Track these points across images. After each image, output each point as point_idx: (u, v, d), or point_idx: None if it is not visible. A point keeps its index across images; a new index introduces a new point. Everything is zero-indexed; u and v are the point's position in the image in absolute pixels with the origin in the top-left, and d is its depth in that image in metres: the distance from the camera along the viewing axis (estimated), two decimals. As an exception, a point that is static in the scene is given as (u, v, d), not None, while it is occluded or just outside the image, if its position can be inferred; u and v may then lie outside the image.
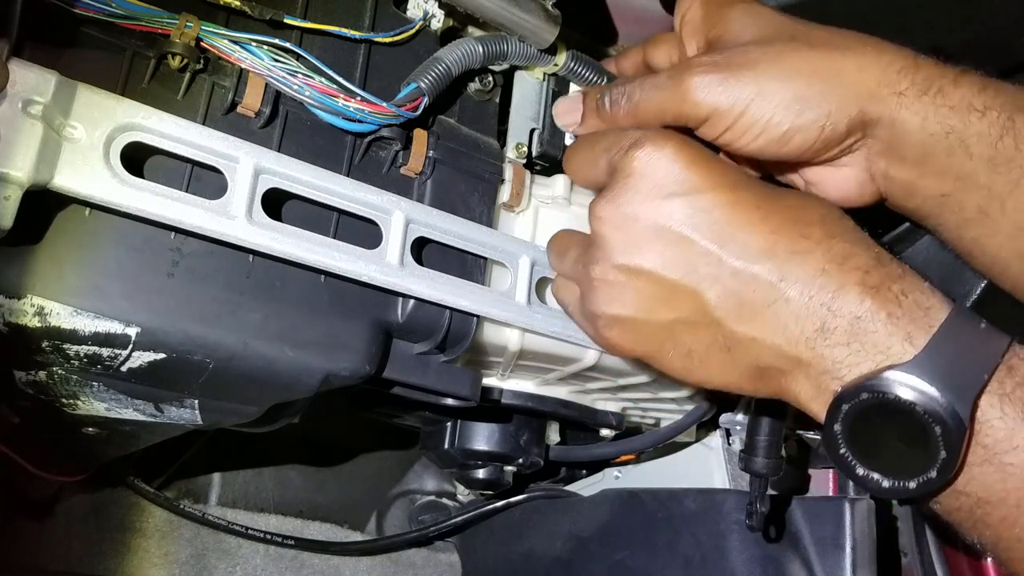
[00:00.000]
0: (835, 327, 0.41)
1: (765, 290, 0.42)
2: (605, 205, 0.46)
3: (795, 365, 0.42)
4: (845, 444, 0.41)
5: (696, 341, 0.45)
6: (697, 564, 0.65)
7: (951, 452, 0.38)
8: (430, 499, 0.98)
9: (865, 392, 0.39)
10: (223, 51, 0.44)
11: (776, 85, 0.46)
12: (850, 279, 0.41)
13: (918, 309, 0.41)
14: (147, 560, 0.82)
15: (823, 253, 0.42)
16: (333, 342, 0.46)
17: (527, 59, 0.55)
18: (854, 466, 0.41)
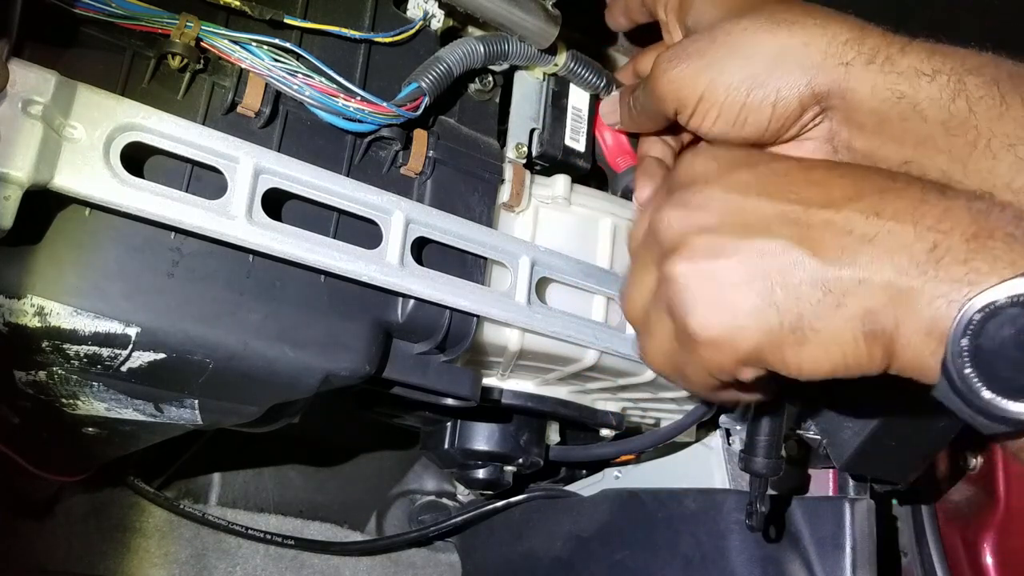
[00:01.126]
0: (948, 246, 0.37)
1: (863, 226, 0.39)
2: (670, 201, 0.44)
3: (908, 300, 0.38)
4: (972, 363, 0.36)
5: (803, 304, 0.40)
6: (697, 564, 0.65)
7: None
8: (430, 499, 0.98)
9: (1004, 298, 0.35)
10: (223, 51, 0.44)
11: (727, 68, 0.47)
12: (956, 203, 0.38)
13: None
14: (147, 560, 0.82)
15: (919, 187, 0.39)
16: (333, 342, 0.46)
17: (527, 59, 0.55)
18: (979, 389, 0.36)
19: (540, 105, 0.58)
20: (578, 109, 0.60)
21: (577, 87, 0.60)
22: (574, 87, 0.60)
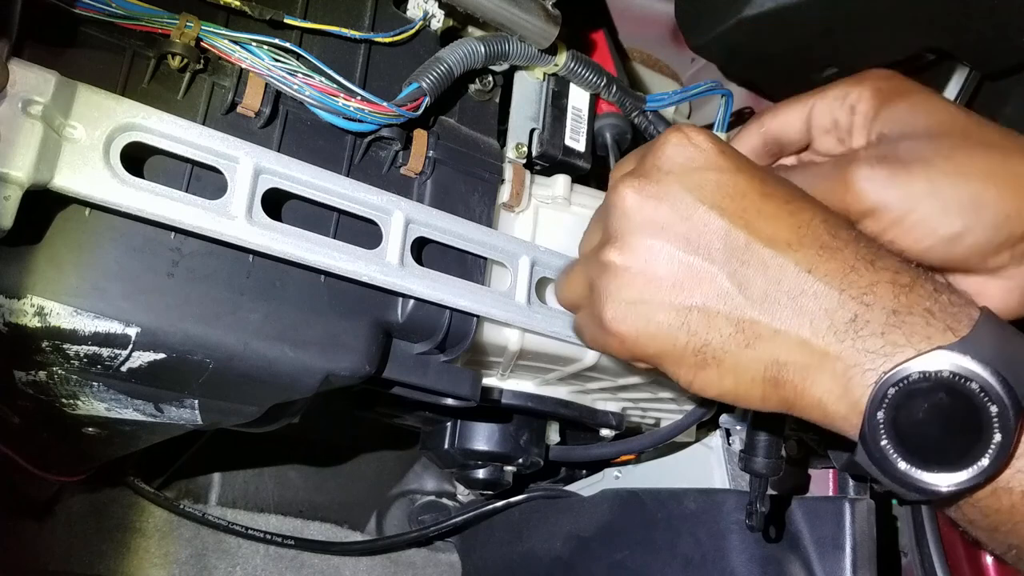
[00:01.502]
0: (869, 319, 0.39)
1: (793, 280, 0.40)
2: (633, 176, 0.44)
3: (820, 360, 0.39)
4: (887, 435, 0.37)
5: (713, 334, 0.41)
6: (697, 564, 0.65)
7: (1006, 434, 0.36)
8: (430, 499, 0.98)
9: (916, 373, 0.37)
10: (223, 51, 0.44)
11: (950, 182, 0.43)
12: (882, 277, 0.39)
13: (952, 306, 0.39)
14: (147, 560, 0.82)
15: (852, 252, 0.40)
16: (333, 342, 0.46)
17: (527, 59, 0.55)
18: (895, 461, 0.37)
19: (540, 105, 0.58)
20: (578, 109, 0.60)
21: (577, 87, 0.60)
22: (574, 87, 0.60)
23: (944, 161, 0.44)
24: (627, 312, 0.43)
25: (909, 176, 0.43)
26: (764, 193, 0.42)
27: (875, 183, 0.44)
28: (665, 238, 0.42)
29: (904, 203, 0.43)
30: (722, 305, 0.41)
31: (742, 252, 0.41)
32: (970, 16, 0.57)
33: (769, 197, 0.42)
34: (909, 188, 0.43)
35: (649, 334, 0.43)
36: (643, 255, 0.42)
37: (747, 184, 0.42)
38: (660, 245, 0.42)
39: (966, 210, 0.43)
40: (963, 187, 0.43)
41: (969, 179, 0.43)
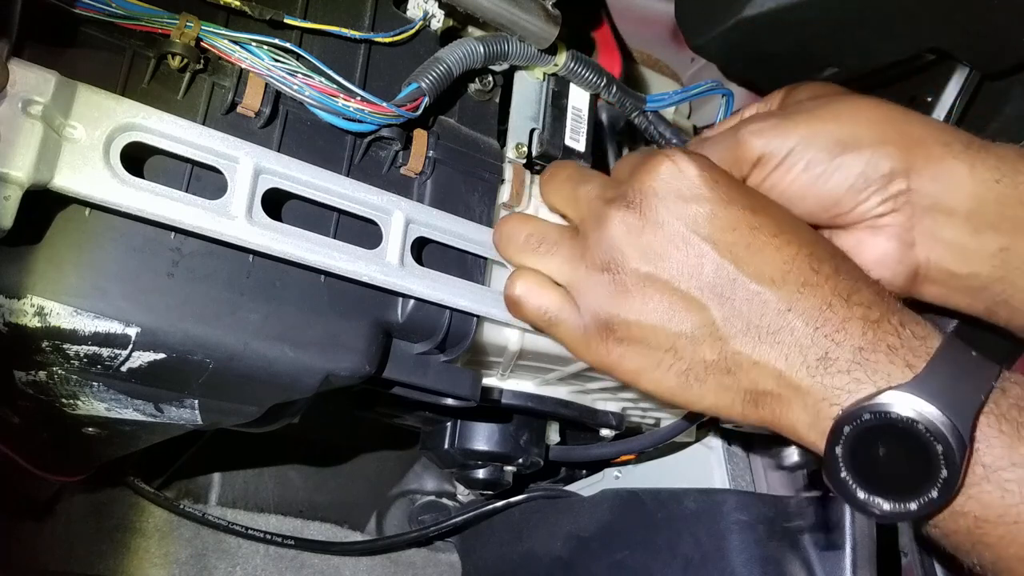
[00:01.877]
0: (837, 357, 0.41)
1: (773, 316, 0.43)
2: (626, 208, 0.45)
3: (793, 392, 0.42)
4: (846, 468, 0.41)
5: (697, 357, 0.44)
6: (697, 564, 0.65)
7: (952, 470, 0.38)
8: (430, 499, 0.98)
9: (867, 413, 0.40)
10: (223, 51, 0.44)
11: (823, 127, 0.47)
12: (854, 313, 0.42)
13: (915, 339, 0.41)
14: (147, 560, 0.82)
15: (831, 288, 0.43)
16: (333, 342, 0.46)
17: (527, 59, 0.55)
18: (855, 490, 0.40)
19: (540, 105, 0.58)
20: (578, 109, 0.60)
21: (577, 87, 0.60)
22: (574, 87, 0.60)
23: (823, 109, 0.48)
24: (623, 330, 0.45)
25: (791, 124, 0.47)
26: (753, 226, 0.44)
27: (760, 133, 0.48)
28: (660, 267, 0.44)
29: (784, 148, 0.47)
30: (706, 334, 0.44)
31: (730, 287, 0.43)
32: (970, 16, 0.57)
33: (758, 230, 0.44)
34: (790, 134, 0.47)
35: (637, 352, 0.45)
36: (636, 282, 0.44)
37: (738, 217, 0.44)
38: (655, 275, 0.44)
39: (839, 147, 0.46)
40: (837, 129, 0.47)
41: (842, 122, 0.47)
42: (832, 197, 0.47)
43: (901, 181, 0.47)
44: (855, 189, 0.47)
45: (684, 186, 0.44)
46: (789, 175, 0.47)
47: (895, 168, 0.46)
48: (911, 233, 0.48)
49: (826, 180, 0.47)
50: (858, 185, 0.47)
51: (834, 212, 0.48)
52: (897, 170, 0.46)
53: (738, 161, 0.48)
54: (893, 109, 0.48)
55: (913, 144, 0.46)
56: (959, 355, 0.41)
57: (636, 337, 0.45)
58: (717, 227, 0.44)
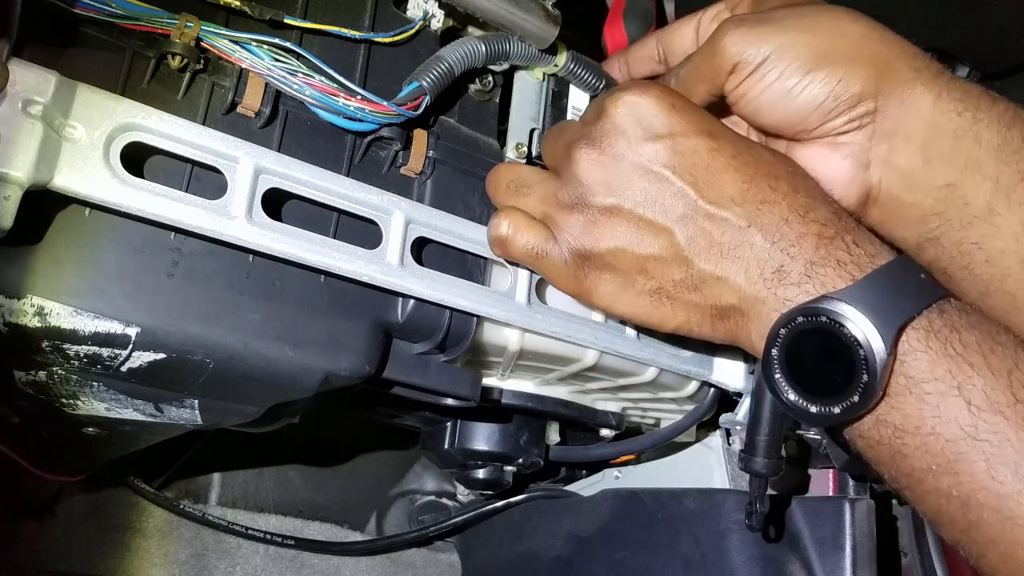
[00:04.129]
0: (791, 270, 0.43)
1: (733, 233, 0.45)
2: (588, 145, 0.47)
3: (752, 304, 0.45)
4: (780, 370, 0.43)
5: (666, 277, 0.46)
6: (697, 564, 0.65)
7: (872, 375, 0.40)
8: (430, 499, 0.98)
9: (800, 315, 0.42)
10: (223, 51, 0.44)
11: (800, 38, 0.47)
12: (809, 229, 0.44)
13: (865, 256, 0.43)
14: (147, 560, 0.82)
15: (788, 205, 0.44)
16: (333, 342, 0.46)
17: (527, 59, 0.55)
18: (786, 391, 0.43)
19: (540, 105, 0.58)
20: (578, 109, 0.60)
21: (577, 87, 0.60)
22: (574, 87, 0.60)
23: (799, 19, 0.48)
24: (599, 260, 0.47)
25: (766, 31, 0.47)
26: (712, 148, 0.46)
27: (735, 40, 0.48)
28: (623, 198, 0.46)
29: (759, 56, 0.47)
30: (673, 255, 0.46)
31: (692, 208, 0.45)
32: (970, 16, 0.57)
33: (716, 152, 0.46)
34: (764, 42, 0.47)
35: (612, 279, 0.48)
36: (603, 214, 0.47)
37: (696, 142, 0.46)
38: (619, 205, 0.46)
39: (812, 61, 0.47)
40: (813, 41, 0.47)
41: (819, 34, 0.47)
42: (801, 112, 0.48)
43: (869, 102, 0.47)
44: (824, 108, 0.47)
45: (642, 117, 0.46)
46: (760, 83, 0.48)
47: (865, 89, 0.47)
48: (867, 155, 0.49)
49: (797, 94, 0.47)
50: (827, 104, 0.47)
51: (800, 127, 0.49)
52: (867, 91, 0.47)
53: (717, 70, 0.49)
54: (870, 26, 0.48)
55: (885, 65, 0.47)
56: (902, 273, 0.43)
57: (609, 264, 0.47)
58: (676, 152, 0.46)
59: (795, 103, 0.48)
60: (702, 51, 0.50)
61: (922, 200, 0.48)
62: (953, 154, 0.46)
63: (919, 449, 0.41)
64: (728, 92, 0.49)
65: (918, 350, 0.41)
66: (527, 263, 0.51)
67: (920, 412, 0.41)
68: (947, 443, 0.40)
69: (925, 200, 0.48)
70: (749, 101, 0.49)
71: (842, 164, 0.49)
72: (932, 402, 0.40)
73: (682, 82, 0.51)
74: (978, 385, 0.40)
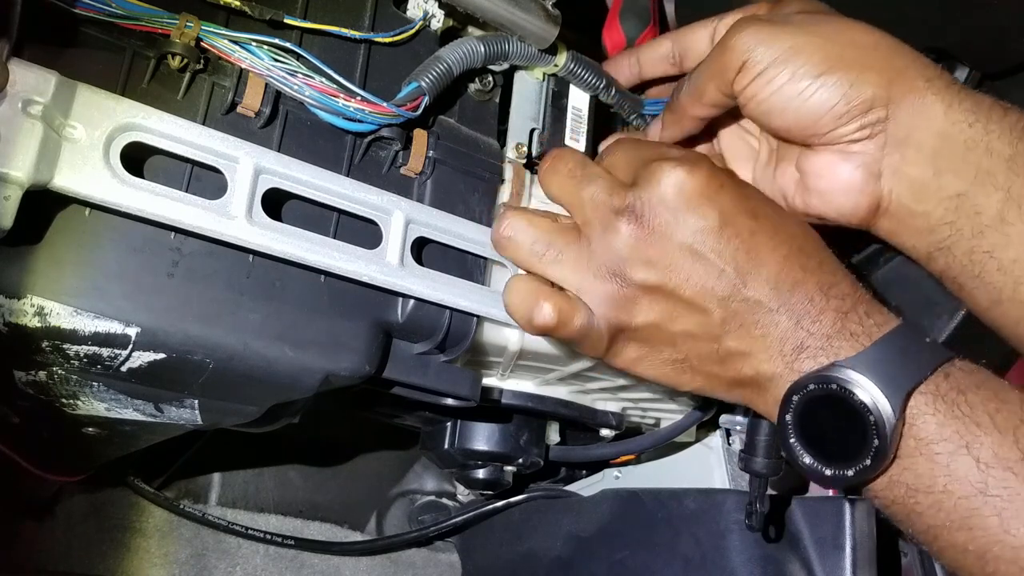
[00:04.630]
0: (810, 345, 0.45)
1: (764, 315, 0.46)
2: (634, 222, 0.46)
3: (769, 379, 0.46)
4: (795, 435, 0.44)
5: (693, 351, 0.48)
6: (697, 564, 0.65)
7: (882, 440, 0.42)
8: (430, 499, 0.98)
9: (812, 383, 0.44)
10: (223, 51, 0.44)
11: (812, 41, 0.47)
12: (830, 305, 0.45)
13: (875, 326, 0.45)
14: (147, 560, 0.82)
15: (814, 283, 0.46)
16: (333, 342, 0.46)
17: (527, 59, 0.55)
18: (801, 455, 0.44)
19: (540, 105, 0.58)
20: (578, 109, 0.60)
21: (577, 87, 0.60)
22: (574, 87, 0.60)
23: (813, 25, 0.48)
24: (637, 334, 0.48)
25: (778, 32, 0.47)
26: (752, 231, 0.46)
27: (745, 37, 0.48)
28: (668, 276, 0.46)
29: (769, 57, 0.47)
30: (705, 333, 0.47)
31: (732, 291, 0.46)
32: (970, 16, 0.57)
33: (756, 235, 0.46)
34: (775, 42, 0.47)
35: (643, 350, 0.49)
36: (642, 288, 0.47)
37: (740, 225, 0.46)
38: (663, 284, 0.46)
39: (824, 64, 0.46)
40: (825, 46, 0.47)
41: (831, 39, 0.47)
42: (812, 115, 0.48)
43: (881, 109, 0.47)
44: (835, 112, 0.47)
45: (692, 198, 0.46)
46: (771, 85, 0.47)
47: (877, 95, 0.47)
48: (879, 164, 0.48)
49: (808, 96, 0.47)
50: (839, 108, 0.47)
51: (811, 132, 0.49)
52: (879, 97, 0.47)
53: (724, 68, 0.49)
54: (882, 36, 0.48)
55: (897, 74, 0.47)
56: (908, 338, 0.44)
57: (642, 337, 0.48)
58: (722, 238, 0.46)
59: (806, 106, 0.47)
60: (713, 49, 0.50)
61: (933, 210, 0.48)
62: (964, 164, 0.46)
63: (932, 507, 0.43)
64: (738, 93, 0.49)
65: (926, 413, 0.43)
66: (569, 342, 0.49)
67: (931, 472, 0.42)
68: (959, 500, 0.42)
69: (936, 210, 0.48)
70: (760, 103, 0.48)
71: (854, 173, 0.49)
72: (942, 462, 0.42)
73: (693, 84, 0.51)
74: (986, 443, 0.41)
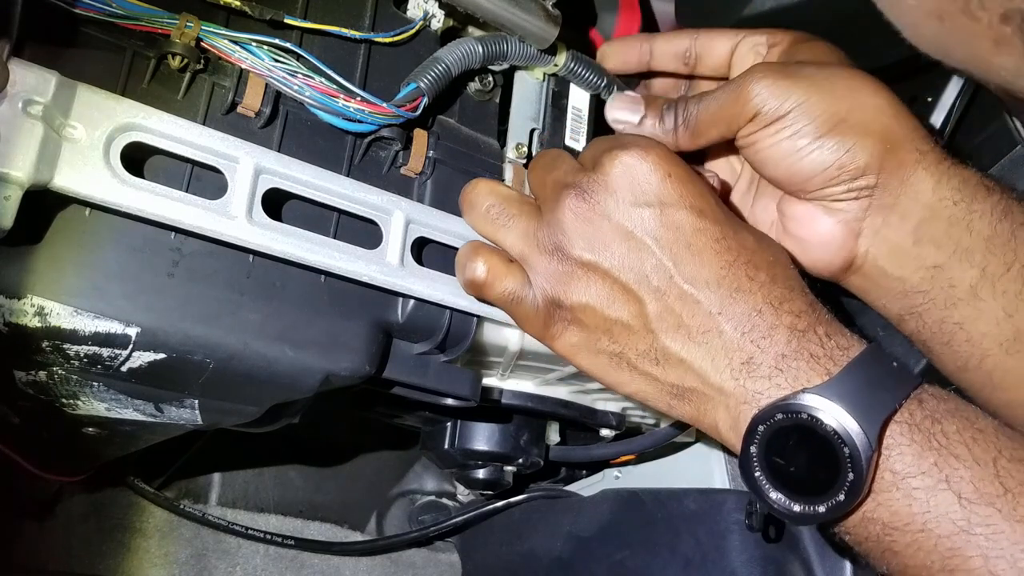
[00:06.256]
0: (760, 362, 0.42)
1: (703, 318, 0.44)
2: (577, 196, 0.46)
3: (717, 393, 0.44)
4: (759, 467, 0.41)
5: (630, 345, 0.46)
6: (697, 564, 0.65)
7: (858, 473, 0.39)
8: (430, 499, 0.98)
9: (779, 412, 0.41)
10: (223, 51, 0.44)
11: (821, 100, 0.47)
12: (782, 321, 0.43)
13: (838, 349, 0.42)
14: (147, 560, 0.82)
15: (763, 295, 0.44)
16: (333, 342, 0.46)
17: (527, 59, 0.55)
18: (767, 490, 0.41)
19: (540, 105, 0.58)
20: (578, 109, 0.60)
21: (577, 87, 0.60)
22: (574, 87, 0.60)
23: (824, 80, 0.48)
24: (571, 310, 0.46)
25: (791, 86, 0.47)
26: (696, 228, 0.45)
27: (761, 89, 0.47)
28: (603, 257, 0.45)
29: (780, 110, 0.47)
30: (640, 325, 0.45)
31: (666, 284, 0.44)
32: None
33: (700, 232, 0.45)
34: (788, 97, 0.47)
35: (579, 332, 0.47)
36: (579, 268, 0.46)
37: (683, 218, 0.45)
38: (597, 263, 0.45)
39: (827, 126, 0.47)
40: (832, 105, 0.47)
41: (838, 99, 0.47)
42: (804, 173, 0.48)
43: (871, 177, 0.48)
44: (827, 175, 0.48)
45: (636, 181, 0.45)
46: (773, 138, 0.48)
47: (870, 164, 0.47)
48: (860, 224, 0.49)
49: (804, 155, 0.48)
50: (831, 172, 0.47)
51: (799, 187, 0.49)
52: (871, 166, 0.47)
53: (738, 115, 0.49)
54: (887, 101, 0.48)
55: (894, 144, 0.47)
56: (877, 364, 0.42)
57: (577, 318, 0.46)
58: (662, 223, 0.45)
59: (800, 164, 0.48)
60: (728, 91, 0.49)
61: (909, 276, 0.49)
62: (945, 239, 0.47)
63: (910, 547, 0.40)
64: (740, 137, 0.49)
65: (902, 444, 0.40)
66: (499, 305, 0.50)
67: (909, 508, 0.40)
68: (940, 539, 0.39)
69: (912, 277, 0.49)
70: (758, 151, 0.49)
71: (834, 228, 0.49)
72: (921, 497, 0.39)
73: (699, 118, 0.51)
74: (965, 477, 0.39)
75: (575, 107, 0.60)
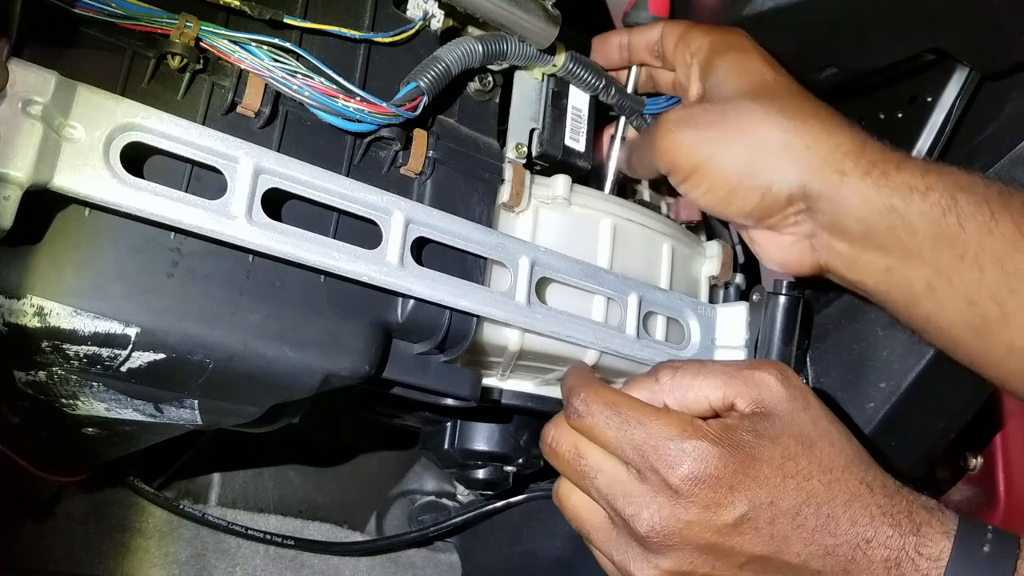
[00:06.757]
0: None
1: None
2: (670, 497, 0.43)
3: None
4: None
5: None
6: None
7: None
8: (430, 499, 0.98)
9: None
10: (223, 51, 0.44)
11: (729, 149, 0.51)
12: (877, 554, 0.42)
13: (931, 561, 0.41)
14: (147, 560, 0.82)
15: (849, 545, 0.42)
16: (333, 342, 0.46)
17: (527, 59, 0.55)
18: None
19: (540, 105, 0.58)
20: (578, 109, 0.60)
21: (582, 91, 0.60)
22: (574, 87, 0.60)
23: (730, 128, 0.51)
24: None
25: (699, 141, 0.51)
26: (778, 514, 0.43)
27: (671, 146, 0.52)
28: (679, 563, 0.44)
29: (692, 165, 0.52)
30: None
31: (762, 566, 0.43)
32: (970, 16, 0.57)
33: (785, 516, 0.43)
34: (697, 153, 0.51)
35: None
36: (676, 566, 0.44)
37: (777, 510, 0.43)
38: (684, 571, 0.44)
39: (736, 174, 0.51)
40: (739, 154, 0.51)
41: (746, 147, 0.50)
42: (737, 215, 0.53)
43: (800, 203, 0.51)
44: (756, 213, 0.52)
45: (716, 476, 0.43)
46: (695, 192, 0.53)
47: (793, 192, 0.50)
48: (811, 240, 0.53)
49: (729, 202, 0.52)
50: (758, 212, 0.52)
51: (743, 223, 0.54)
52: (795, 194, 0.50)
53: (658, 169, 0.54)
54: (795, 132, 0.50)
55: (810, 172, 0.49)
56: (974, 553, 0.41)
57: None
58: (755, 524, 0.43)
59: (730, 209, 0.52)
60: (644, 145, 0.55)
61: (865, 280, 0.51)
62: (889, 243, 0.49)
63: None
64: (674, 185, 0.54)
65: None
66: None
67: None
68: None
69: (868, 280, 0.51)
70: (694, 199, 0.54)
71: (793, 246, 0.54)
72: None
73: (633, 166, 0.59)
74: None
75: (575, 107, 0.60)
